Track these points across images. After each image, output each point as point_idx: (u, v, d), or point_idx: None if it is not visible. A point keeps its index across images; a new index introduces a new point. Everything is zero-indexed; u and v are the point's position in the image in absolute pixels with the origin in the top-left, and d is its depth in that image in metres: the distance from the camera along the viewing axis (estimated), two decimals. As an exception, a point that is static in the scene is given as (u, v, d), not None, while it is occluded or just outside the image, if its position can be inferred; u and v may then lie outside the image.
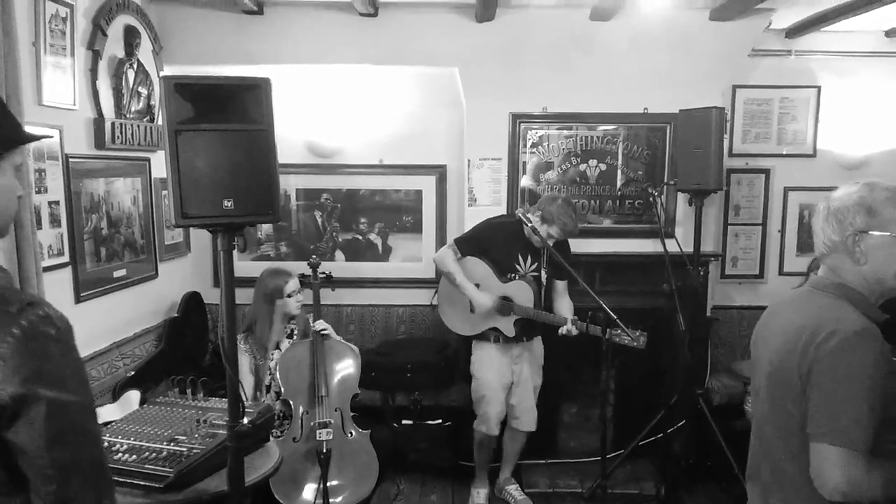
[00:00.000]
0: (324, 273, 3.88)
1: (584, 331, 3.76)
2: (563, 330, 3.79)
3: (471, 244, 4.05)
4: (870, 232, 1.75)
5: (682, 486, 4.27)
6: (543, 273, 4.03)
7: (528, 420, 4.15)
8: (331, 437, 3.39)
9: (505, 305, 3.95)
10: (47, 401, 1.22)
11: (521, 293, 3.97)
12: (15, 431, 1.22)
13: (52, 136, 1.67)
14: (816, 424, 1.70)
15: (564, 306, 4.01)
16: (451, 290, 4.09)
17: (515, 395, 4.10)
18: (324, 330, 3.70)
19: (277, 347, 3.78)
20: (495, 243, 4.04)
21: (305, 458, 3.46)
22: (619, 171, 4.63)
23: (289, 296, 3.76)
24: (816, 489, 1.70)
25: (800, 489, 1.78)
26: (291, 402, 3.57)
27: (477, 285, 3.99)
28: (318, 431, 3.40)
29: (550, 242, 3.86)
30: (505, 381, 4.07)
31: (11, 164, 1.38)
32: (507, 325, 3.98)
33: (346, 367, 3.73)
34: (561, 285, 4.08)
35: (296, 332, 3.85)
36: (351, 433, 3.61)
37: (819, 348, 1.70)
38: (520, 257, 4.01)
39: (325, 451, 3.32)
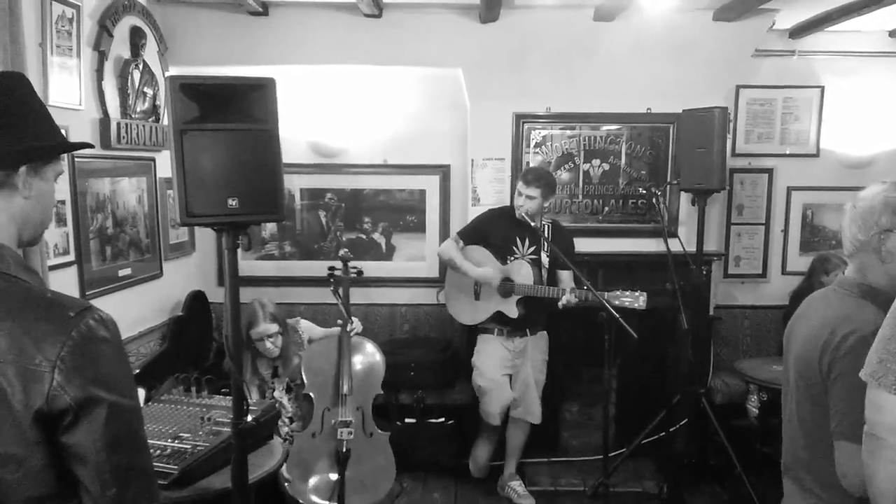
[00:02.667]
0: (355, 268, 3.83)
1: (583, 299, 3.77)
2: (563, 301, 3.81)
3: (471, 233, 4.16)
4: (895, 231, 1.77)
5: (685, 485, 4.27)
6: (544, 256, 4.07)
7: (531, 412, 4.17)
8: (352, 436, 3.39)
9: (506, 286, 3.99)
10: (108, 404, 1.23)
11: (521, 272, 4.02)
12: (74, 436, 1.21)
13: (93, 146, 1.70)
14: (837, 422, 1.74)
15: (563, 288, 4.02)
16: (456, 281, 4.16)
17: (516, 389, 4.13)
18: (353, 330, 3.69)
19: (276, 375, 3.67)
20: (493, 228, 4.13)
21: (324, 455, 3.46)
22: (622, 171, 4.64)
23: (259, 340, 3.56)
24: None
25: (833, 484, 1.78)
26: (314, 397, 3.58)
27: None
28: (339, 430, 3.39)
29: (522, 202, 3.95)
30: (505, 372, 4.11)
31: (55, 172, 1.40)
32: (509, 307, 4.01)
33: (371, 367, 3.74)
34: (567, 275, 4.09)
35: (280, 369, 3.67)
36: (371, 433, 3.61)
37: (838, 347, 1.74)
38: (517, 239, 4.08)
39: (344, 450, 3.33)
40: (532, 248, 4.09)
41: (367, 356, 3.77)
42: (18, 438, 1.19)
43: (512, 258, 4.08)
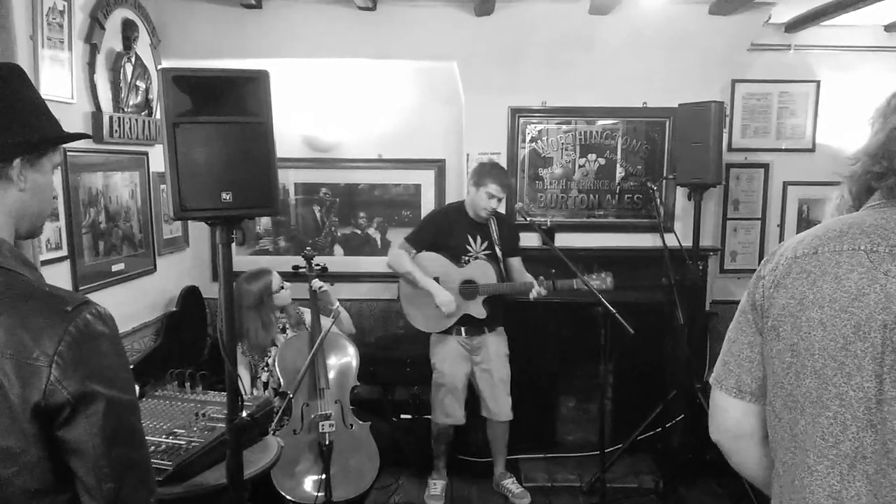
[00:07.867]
0: (318, 265, 3.87)
1: (552, 289, 3.77)
2: (533, 294, 3.80)
3: (423, 239, 4.05)
4: None
5: (681, 480, 4.27)
6: (498, 250, 4.03)
7: (501, 410, 4.13)
8: (333, 428, 3.41)
9: (469, 288, 3.95)
10: (106, 399, 1.23)
11: (483, 271, 3.98)
12: (71, 430, 1.22)
13: (90, 136, 1.66)
14: None
15: (527, 280, 4.00)
16: (411, 291, 4.05)
17: (482, 388, 4.11)
18: (321, 287, 3.77)
19: (274, 344, 3.78)
20: (443, 230, 4.05)
21: (307, 450, 3.48)
22: (618, 166, 4.63)
23: (277, 290, 3.85)
24: None
25: None
26: (291, 395, 3.58)
27: (436, 279, 3.97)
28: (320, 423, 3.41)
29: (494, 204, 3.92)
30: (464, 372, 4.08)
31: (52, 163, 1.40)
32: (477, 309, 3.98)
33: (345, 359, 3.74)
34: (517, 262, 4.08)
35: (288, 326, 3.86)
36: (351, 425, 3.62)
37: None
38: (469, 238, 4.03)
39: (327, 443, 3.35)
40: (485, 244, 4.04)
41: (341, 349, 3.78)
42: (15, 433, 1.19)
43: (466, 258, 4.02)
